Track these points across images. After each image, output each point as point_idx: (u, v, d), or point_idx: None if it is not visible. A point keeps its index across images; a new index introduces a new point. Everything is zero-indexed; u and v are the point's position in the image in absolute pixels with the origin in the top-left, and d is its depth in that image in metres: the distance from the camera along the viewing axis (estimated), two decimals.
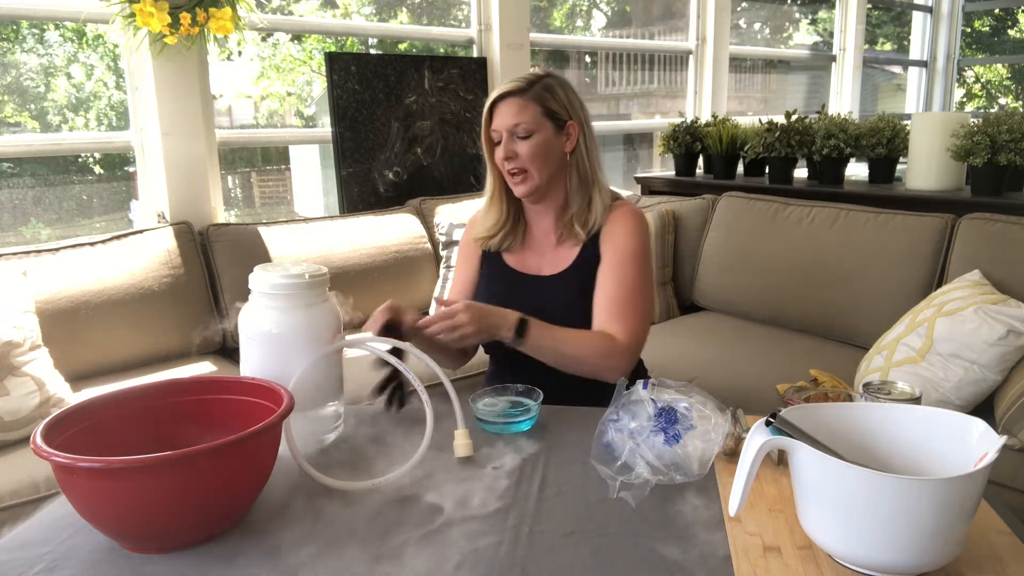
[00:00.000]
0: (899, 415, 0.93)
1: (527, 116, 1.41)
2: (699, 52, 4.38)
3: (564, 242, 1.50)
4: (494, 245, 1.54)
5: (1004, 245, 2.12)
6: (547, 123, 1.43)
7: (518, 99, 1.41)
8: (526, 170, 1.42)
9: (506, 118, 1.41)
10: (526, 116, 1.41)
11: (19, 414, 1.80)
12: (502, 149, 1.42)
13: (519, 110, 1.41)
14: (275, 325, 1.10)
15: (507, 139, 1.42)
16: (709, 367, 2.27)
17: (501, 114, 1.42)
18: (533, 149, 1.41)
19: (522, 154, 1.41)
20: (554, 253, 1.51)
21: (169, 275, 2.36)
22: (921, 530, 0.77)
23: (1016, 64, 7.52)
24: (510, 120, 1.41)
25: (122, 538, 0.90)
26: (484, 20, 3.42)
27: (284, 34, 3.77)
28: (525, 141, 1.41)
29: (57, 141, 2.69)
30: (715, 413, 1.08)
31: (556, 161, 1.45)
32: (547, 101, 1.43)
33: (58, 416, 0.94)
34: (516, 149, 1.42)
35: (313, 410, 1.14)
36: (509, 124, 1.41)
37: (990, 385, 1.83)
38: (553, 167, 1.45)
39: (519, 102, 1.41)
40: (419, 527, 0.93)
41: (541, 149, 1.42)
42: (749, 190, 2.94)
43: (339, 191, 3.02)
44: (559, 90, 1.45)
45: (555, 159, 1.45)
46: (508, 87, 1.43)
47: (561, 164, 1.46)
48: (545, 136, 1.42)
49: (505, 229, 1.52)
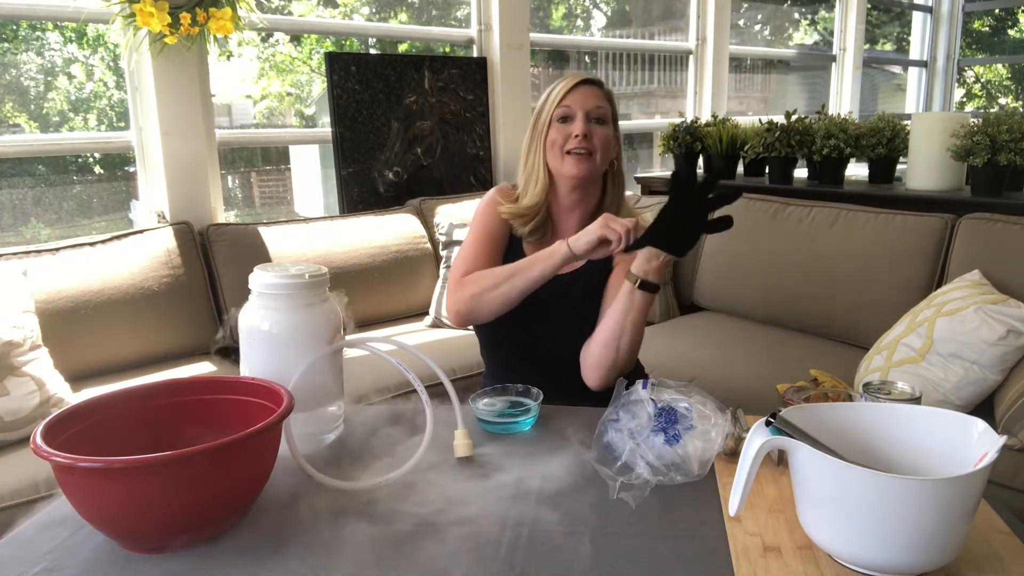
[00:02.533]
0: (899, 415, 0.93)
1: (607, 106, 1.47)
2: (699, 52, 4.38)
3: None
4: (524, 232, 1.50)
5: (1004, 245, 2.12)
6: (612, 122, 1.49)
7: (599, 90, 1.47)
8: (592, 152, 1.43)
9: (589, 99, 1.44)
10: (606, 105, 1.46)
11: (19, 414, 1.80)
12: (579, 124, 1.42)
13: (601, 98, 1.46)
14: (275, 325, 1.10)
15: (583, 118, 1.43)
16: (709, 367, 2.27)
17: (583, 95, 1.44)
18: (605, 136, 1.45)
19: (595, 136, 1.43)
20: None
21: (169, 275, 2.36)
22: (921, 530, 0.77)
23: (1016, 64, 7.52)
24: (593, 101, 1.44)
25: (122, 538, 0.90)
26: (484, 20, 3.42)
27: (284, 34, 3.77)
28: (600, 126, 1.45)
29: (57, 141, 2.69)
30: (715, 413, 1.08)
31: (608, 159, 1.48)
32: (614, 103, 1.50)
33: (58, 416, 0.94)
34: (591, 130, 1.44)
35: (313, 410, 1.14)
36: (591, 105, 1.44)
37: (990, 385, 1.83)
38: (606, 163, 1.48)
39: (600, 92, 1.46)
40: (419, 527, 0.93)
41: (608, 140, 1.46)
42: (749, 190, 2.94)
43: (339, 191, 3.02)
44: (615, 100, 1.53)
45: (609, 157, 1.48)
46: (587, 76, 1.47)
47: (608, 163, 1.50)
48: (611, 131, 1.48)
49: (539, 217, 1.50)
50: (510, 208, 1.50)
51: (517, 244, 1.52)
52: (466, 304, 1.39)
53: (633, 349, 1.38)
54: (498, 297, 1.36)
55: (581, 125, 1.42)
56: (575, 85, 1.45)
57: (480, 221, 1.53)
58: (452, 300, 1.42)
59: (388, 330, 2.68)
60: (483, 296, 1.37)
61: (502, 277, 1.37)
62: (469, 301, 1.38)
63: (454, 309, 1.42)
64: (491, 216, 1.52)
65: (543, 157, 1.47)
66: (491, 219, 1.52)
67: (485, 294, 1.37)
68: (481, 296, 1.37)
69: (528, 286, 1.34)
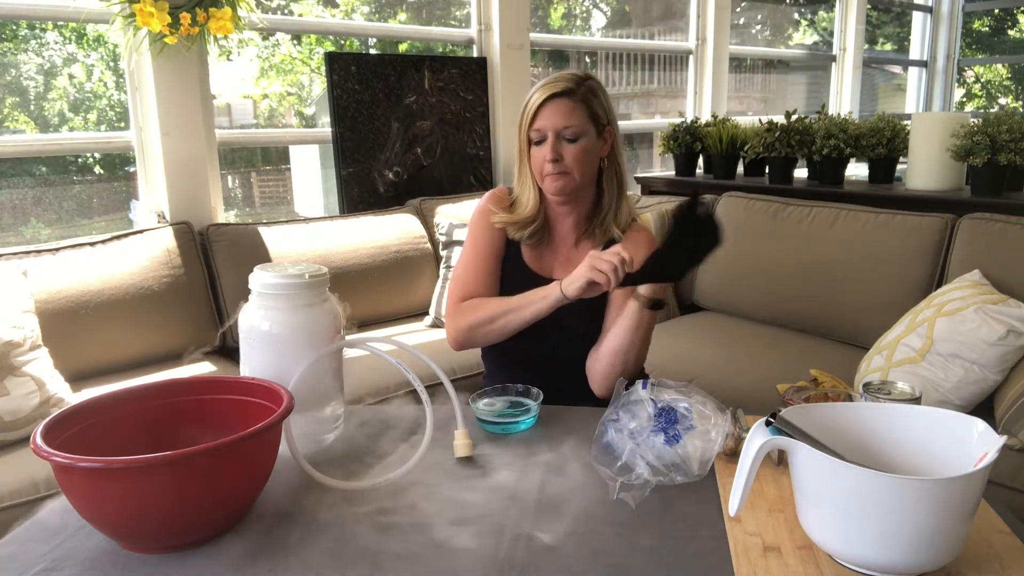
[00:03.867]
0: (899, 415, 0.93)
1: (576, 119, 1.39)
2: (699, 52, 4.38)
3: (582, 245, 1.50)
4: (523, 237, 1.49)
5: (1004, 245, 2.12)
6: (591, 127, 1.41)
7: (567, 100, 1.39)
8: (568, 172, 1.40)
9: (556, 119, 1.39)
10: (575, 119, 1.39)
11: (19, 414, 1.80)
12: (548, 150, 1.39)
13: (569, 112, 1.38)
14: (275, 325, 1.10)
15: (553, 140, 1.39)
16: (709, 367, 2.27)
17: (550, 114, 1.39)
18: (578, 153, 1.39)
19: (568, 157, 1.39)
20: (569, 256, 1.50)
21: (169, 275, 2.36)
22: (921, 530, 0.77)
23: (1016, 64, 7.52)
24: (560, 121, 1.38)
25: (122, 538, 0.90)
26: (484, 20, 3.42)
27: (284, 34, 3.77)
28: (572, 144, 1.39)
29: (57, 141, 2.69)
30: (715, 413, 1.08)
31: (594, 166, 1.45)
32: (592, 104, 1.41)
33: (58, 416, 0.94)
34: (562, 151, 1.39)
35: (313, 410, 1.14)
36: (559, 125, 1.38)
37: (990, 385, 1.83)
38: (591, 172, 1.44)
39: (568, 103, 1.39)
40: (419, 527, 0.93)
41: (585, 154, 1.40)
42: (749, 190, 2.94)
43: (339, 191, 3.02)
44: (601, 94, 1.44)
45: (594, 164, 1.44)
46: (557, 87, 1.39)
47: (596, 169, 1.46)
48: (589, 141, 1.41)
49: (536, 224, 1.49)
50: (504, 217, 1.50)
51: (515, 249, 1.51)
52: (464, 334, 1.44)
53: (640, 360, 1.41)
54: (493, 332, 1.41)
55: (549, 151, 1.39)
56: (543, 102, 1.40)
57: (473, 234, 1.52)
58: (450, 327, 1.46)
59: (388, 330, 2.68)
60: (479, 329, 1.42)
61: (498, 312, 1.39)
62: (467, 331, 1.43)
63: (452, 337, 1.46)
64: (484, 228, 1.51)
65: (530, 171, 1.46)
66: (484, 231, 1.51)
67: (482, 327, 1.41)
68: (478, 328, 1.42)
69: (522, 324, 1.38)
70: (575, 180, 1.41)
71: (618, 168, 1.48)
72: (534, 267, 1.51)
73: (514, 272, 1.51)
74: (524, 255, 1.51)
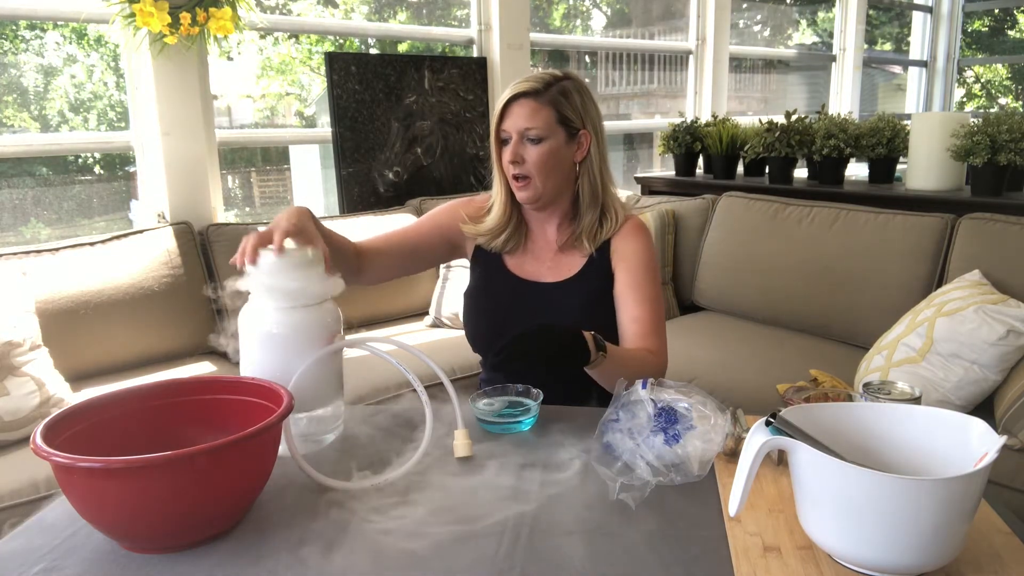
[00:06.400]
0: (899, 415, 0.93)
1: (539, 121, 1.35)
2: (699, 52, 4.38)
3: (568, 250, 1.47)
4: (497, 246, 1.48)
5: (1004, 245, 2.12)
6: (559, 130, 1.37)
7: (533, 101, 1.36)
8: (529, 177, 1.38)
9: (518, 120, 1.36)
10: (538, 120, 1.35)
11: (19, 414, 1.80)
12: (510, 151, 1.37)
13: (532, 113, 1.35)
14: (275, 325, 1.10)
15: (516, 141, 1.37)
16: (709, 367, 2.27)
17: (513, 115, 1.37)
18: (541, 156, 1.36)
19: (529, 160, 1.37)
20: (555, 260, 1.47)
21: (169, 275, 2.36)
22: (921, 530, 0.77)
23: (1016, 64, 7.52)
24: (522, 122, 1.36)
25: (122, 538, 0.90)
26: (484, 20, 3.42)
27: (283, 34, 3.77)
28: (535, 146, 1.36)
29: (57, 141, 2.69)
30: (715, 413, 1.08)
31: (564, 170, 1.40)
32: (562, 107, 1.37)
33: (58, 416, 0.94)
34: (524, 154, 1.37)
35: (313, 410, 1.14)
36: (520, 126, 1.36)
37: (990, 385, 1.83)
38: (560, 176, 1.40)
39: (533, 104, 1.36)
40: (419, 527, 0.93)
41: (549, 157, 1.37)
42: (749, 190, 2.95)
43: (339, 191, 3.02)
44: (575, 95, 1.39)
45: (563, 168, 1.40)
46: (524, 87, 1.36)
47: (569, 173, 1.42)
48: (555, 144, 1.37)
49: (508, 230, 1.47)
50: (473, 228, 1.48)
51: (495, 260, 1.49)
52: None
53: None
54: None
55: (511, 151, 1.37)
56: (509, 102, 1.37)
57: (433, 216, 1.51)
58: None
59: (388, 330, 2.68)
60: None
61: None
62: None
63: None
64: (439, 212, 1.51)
65: (501, 172, 1.44)
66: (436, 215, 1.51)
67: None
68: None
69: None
70: (537, 186, 1.38)
71: (593, 173, 1.42)
72: (517, 272, 1.48)
73: (501, 280, 1.48)
74: (506, 262, 1.49)
